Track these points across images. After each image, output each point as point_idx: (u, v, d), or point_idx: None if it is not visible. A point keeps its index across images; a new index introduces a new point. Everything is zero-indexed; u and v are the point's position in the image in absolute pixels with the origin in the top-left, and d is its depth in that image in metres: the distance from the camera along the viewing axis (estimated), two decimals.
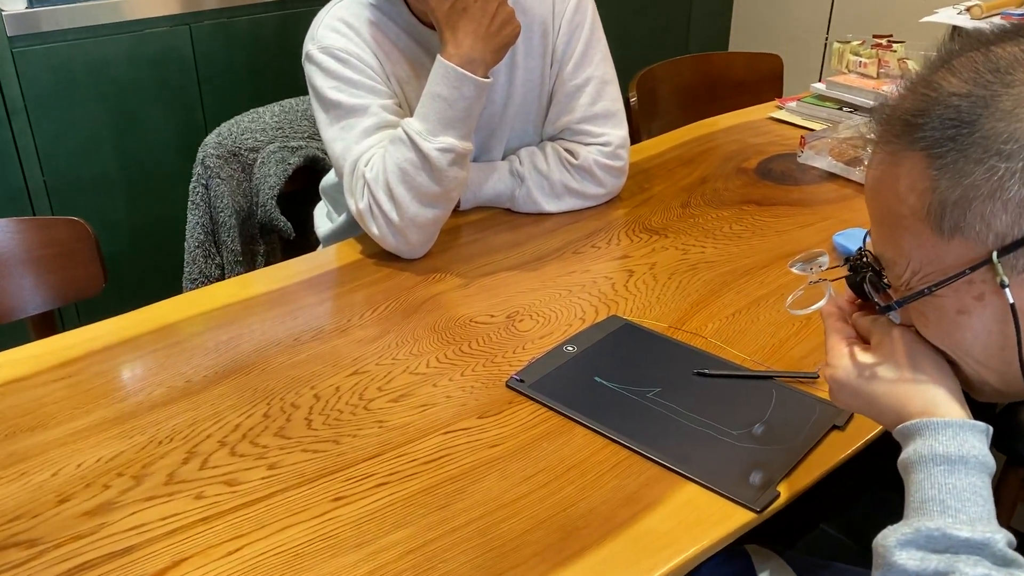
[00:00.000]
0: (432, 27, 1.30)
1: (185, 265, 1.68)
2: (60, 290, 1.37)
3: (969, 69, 0.60)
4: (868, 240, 0.70)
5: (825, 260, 0.83)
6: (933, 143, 0.60)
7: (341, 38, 1.28)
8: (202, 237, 1.67)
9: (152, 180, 2.06)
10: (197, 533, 0.79)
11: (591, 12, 1.40)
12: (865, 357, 0.72)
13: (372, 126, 1.26)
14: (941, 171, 0.60)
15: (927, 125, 0.60)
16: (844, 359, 0.73)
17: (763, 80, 2.33)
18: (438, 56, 1.20)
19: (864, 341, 0.75)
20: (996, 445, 1.41)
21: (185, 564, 0.76)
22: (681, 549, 0.78)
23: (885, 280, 0.69)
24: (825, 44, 2.99)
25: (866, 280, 0.71)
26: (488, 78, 1.21)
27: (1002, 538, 0.61)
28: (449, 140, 1.20)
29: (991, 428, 0.67)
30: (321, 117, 1.30)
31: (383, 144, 1.23)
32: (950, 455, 0.64)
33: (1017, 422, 1.41)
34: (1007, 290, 0.59)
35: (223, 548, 0.78)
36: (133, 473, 0.87)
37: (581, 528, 0.80)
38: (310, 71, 1.30)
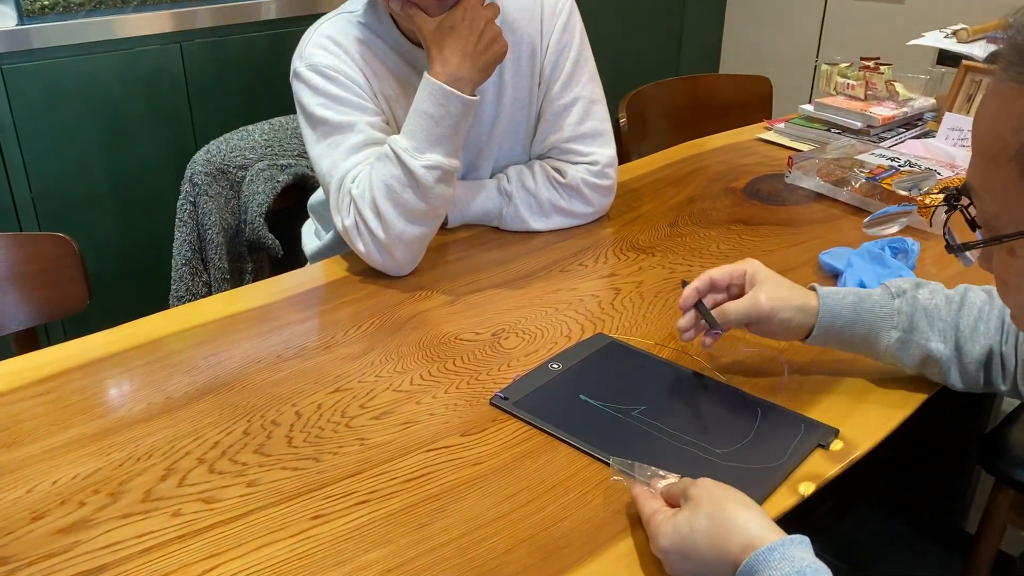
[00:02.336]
0: (420, 45, 1.30)
1: (172, 282, 1.68)
2: (44, 306, 1.36)
3: None
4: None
5: (929, 185, 0.84)
6: None
7: (329, 55, 1.29)
8: (189, 254, 1.66)
9: (140, 198, 2.05)
10: (173, 551, 0.78)
11: (579, 32, 1.41)
12: (679, 518, 0.74)
13: (359, 143, 1.26)
14: None
15: None
16: (663, 526, 0.75)
17: (752, 102, 2.34)
18: (425, 74, 1.21)
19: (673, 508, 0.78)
20: (984, 465, 1.41)
21: None
22: (662, 571, 0.77)
23: (972, 216, 0.67)
24: (815, 67, 3.01)
25: (951, 212, 0.70)
26: (475, 96, 1.21)
27: None
28: (436, 157, 1.20)
29: (807, 538, 0.70)
30: (308, 134, 1.30)
31: (370, 161, 1.23)
32: (788, 575, 0.66)
33: (1004, 443, 1.40)
34: None
35: (199, 567, 0.77)
36: (110, 490, 0.85)
37: (563, 547, 0.79)
38: (298, 88, 1.30)
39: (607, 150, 1.41)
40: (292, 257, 1.68)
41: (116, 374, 1.05)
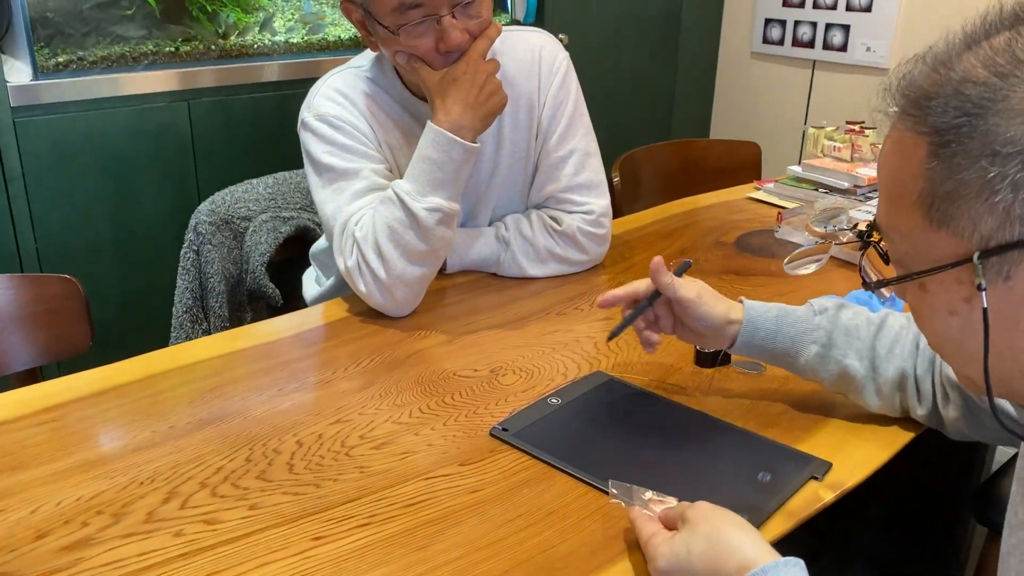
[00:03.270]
0: (423, 99, 1.36)
1: (172, 331, 1.70)
2: (48, 347, 1.37)
3: (993, 53, 0.58)
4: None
5: (844, 221, 0.88)
6: (936, 130, 0.58)
7: (336, 106, 1.34)
8: (190, 303, 1.69)
9: (142, 251, 2.09)
10: (174, 569, 0.79)
11: (575, 89, 1.47)
12: (677, 540, 0.76)
13: (363, 189, 1.30)
14: (938, 160, 0.58)
15: (935, 110, 0.58)
16: (660, 548, 0.77)
17: (742, 167, 2.41)
18: (428, 122, 1.26)
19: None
20: (977, 517, 1.42)
21: None
22: None
23: (884, 248, 0.70)
24: (803, 134, 3.10)
25: (865, 251, 0.74)
26: (476, 143, 1.26)
27: None
28: (437, 200, 1.24)
29: (802, 560, 0.71)
30: (314, 180, 1.34)
31: (373, 205, 1.27)
32: None
33: (997, 494, 1.42)
34: (983, 294, 0.59)
35: None
36: (113, 511, 0.86)
37: (560, 569, 0.80)
38: (305, 137, 1.35)
39: (602, 200, 1.46)
40: (291, 307, 1.70)
41: (119, 404, 1.06)
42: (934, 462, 1.78)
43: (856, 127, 1.97)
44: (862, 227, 0.76)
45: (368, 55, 1.41)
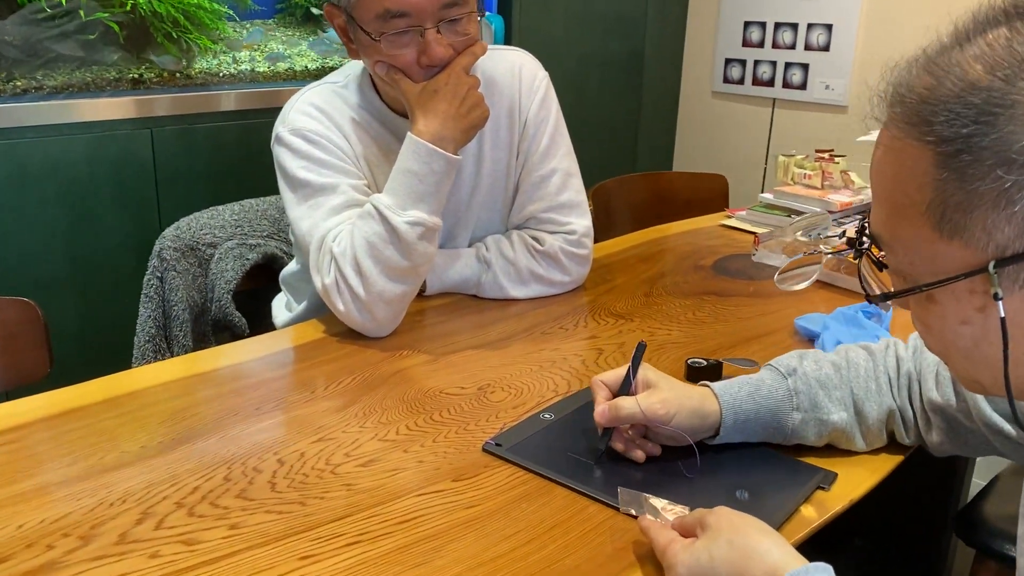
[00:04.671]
0: (402, 115, 1.33)
1: (133, 360, 1.62)
2: (3, 373, 1.30)
3: (993, 53, 0.55)
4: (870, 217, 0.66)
5: (827, 229, 0.83)
6: (943, 140, 0.56)
7: (312, 121, 1.30)
8: (153, 331, 1.62)
9: (102, 280, 2.01)
10: None
11: (555, 108, 1.45)
12: (698, 546, 0.73)
13: (340, 204, 1.26)
14: (948, 172, 0.56)
15: (939, 119, 0.56)
16: (680, 555, 0.73)
17: (710, 198, 2.42)
18: (408, 134, 1.22)
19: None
20: (963, 539, 1.40)
21: None
22: None
23: (882, 260, 0.66)
24: (764, 170, 3.14)
25: (862, 263, 0.70)
26: (458, 155, 1.23)
27: None
28: (418, 214, 1.20)
29: (830, 566, 0.68)
30: (288, 197, 1.30)
31: (351, 220, 1.23)
32: None
33: (981, 515, 1.40)
34: (1000, 303, 0.57)
35: None
36: (80, 534, 0.80)
37: None
38: (279, 153, 1.31)
39: (584, 221, 1.44)
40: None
41: (83, 425, 0.99)
42: (909, 492, 1.77)
43: (826, 155, 1.98)
44: (851, 234, 0.72)
45: (344, 71, 1.38)
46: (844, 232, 1.58)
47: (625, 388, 0.94)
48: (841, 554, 0.88)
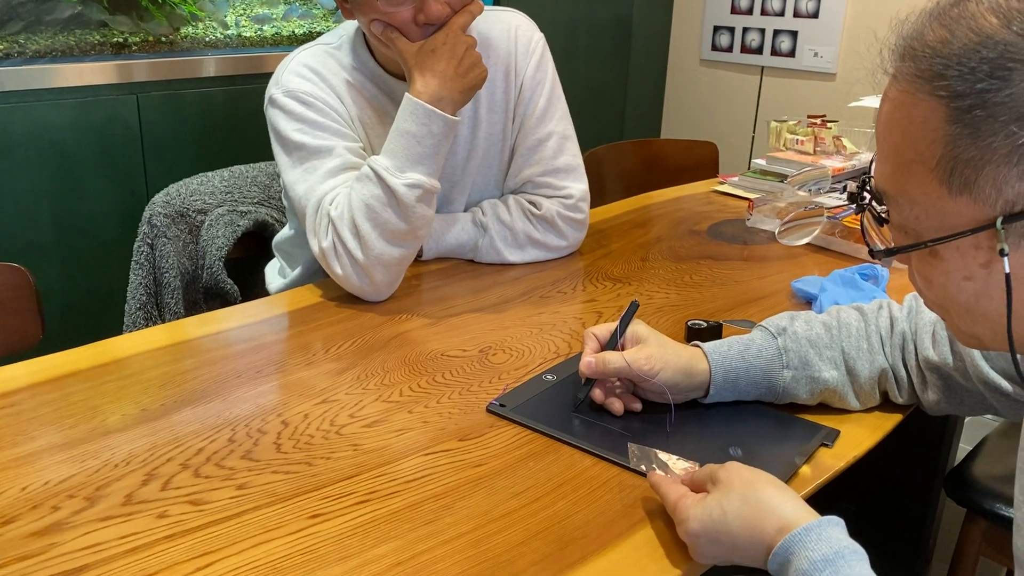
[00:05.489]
0: (397, 76, 1.31)
1: (124, 328, 1.60)
2: None
3: (1010, 5, 0.54)
4: (873, 171, 0.66)
5: (827, 183, 0.82)
6: (956, 95, 0.55)
7: (306, 82, 1.28)
8: (144, 298, 1.60)
9: (89, 248, 1.98)
10: (162, 550, 0.72)
11: (551, 71, 1.44)
12: (710, 501, 0.72)
13: (337, 167, 1.24)
14: (960, 127, 0.55)
15: (952, 73, 0.55)
16: (692, 510, 0.73)
17: (700, 165, 2.42)
18: (406, 94, 1.21)
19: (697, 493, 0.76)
20: (954, 498, 1.42)
21: None
22: (687, 557, 0.74)
23: (884, 215, 0.65)
24: (752, 138, 3.14)
25: (864, 218, 0.69)
26: (457, 117, 1.22)
27: None
28: (417, 176, 1.19)
29: (842, 520, 0.69)
30: (283, 160, 1.28)
31: (348, 183, 1.22)
32: (827, 555, 0.65)
33: (971, 475, 1.42)
34: (1006, 259, 0.57)
35: (190, 565, 0.71)
36: (86, 495, 0.79)
37: (579, 538, 0.76)
38: (273, 115, 1.29)
39: (580, 184, 1.43)
40: None
41: (84, 388, 0.98)
42: (898, 452, 1.79)
43: (818, 121, 1.98)
44: (853, 189, 0.71)
45: (338, 32, 1.36)
46: (846, 187, 1.58)
47: (614, 343, 0.94)
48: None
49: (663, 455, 0.82)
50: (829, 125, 1.97)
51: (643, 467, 0.83)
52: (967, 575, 1.46)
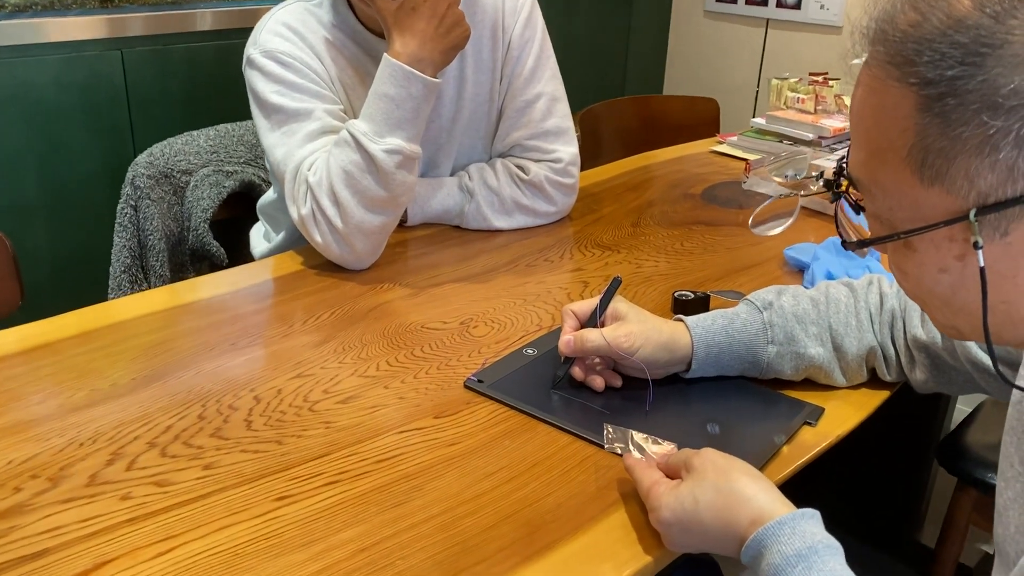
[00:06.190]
0: (378, 34, 1.27)
1: (109, 291, 1.59)
2: None
3: None
4: (848, 158, 0.63)
5: (804, 170, 0.79)
6: (927, 82, 0.53)
7: (284, 42, 1.24)
8: (129, 261, 1.58)
9: (74, 208, 1.95)
10: (123, 534, 0.71)
11: (540, 29, 1.39)
12: (682, 489, 0.71)
13: (316, 130, 1.21)
14: (931, 116, 0.53)
15: (923, 59, 0.53)
16: (664, 498, 0.71)
17: (701, 123, 2.37)
18: (384, 55, 1.17)
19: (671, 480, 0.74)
20: (946, 467, 1.41)
21: (109, 566, 0.67)
22: (660, 543, 0.72)
23: (860, 203, 0.63)
24: (756, 93, 3.07)
25: (838, 208, 0.66)
26: (437, 79, 1.18)
27: None
28: (396, 141, 1.15)
29: (818, 512, 0.67)
30: (262, 123, 1.24)
31: (327, 148, 1.18)
32: (800, 551, 0.63)
33: (963, 444, 1.40)
34: (980, 252, 0.55)
35: (152, 549, 0.69)
36: (49, 475, 0.78)
37: (550, 522, 0.74)
38: (251, 76, 1.25)
39: (570, 148, 1.39)
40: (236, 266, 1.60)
41: (53, 362, 0.97)
42: (893, 417, 1.78)
43: (820, 78, 1.93)
44: (830, 176, 0.67)
45: None
46: (822, 173, 1.54)
47: (594, 320, 0.92)
48: (815, 484, 0.88)
49: (639, 436, 0.80)
50: (831, 83, 1.91)
51: (618, 449, 0.81)
52: (957, 542, 1.46)
